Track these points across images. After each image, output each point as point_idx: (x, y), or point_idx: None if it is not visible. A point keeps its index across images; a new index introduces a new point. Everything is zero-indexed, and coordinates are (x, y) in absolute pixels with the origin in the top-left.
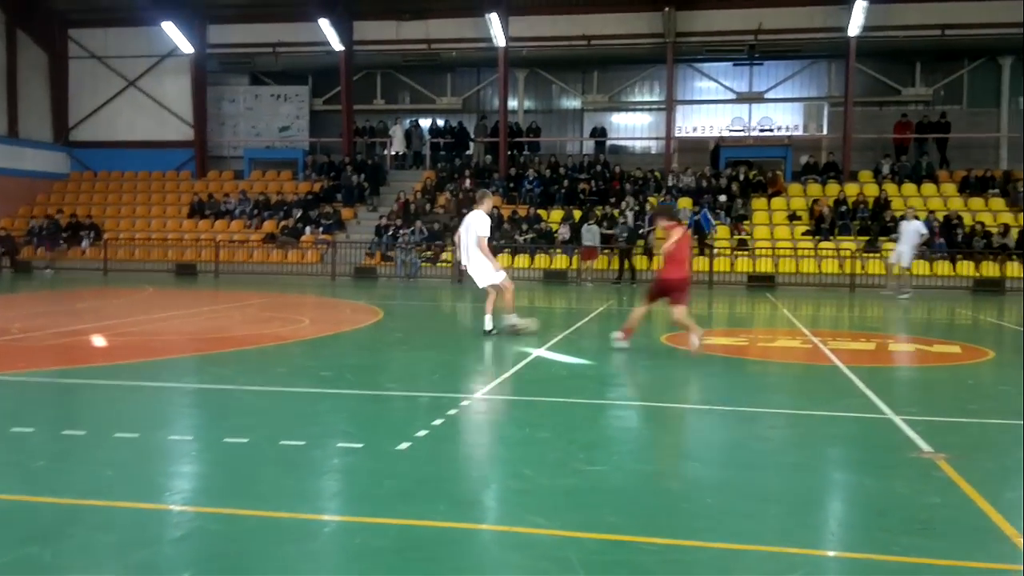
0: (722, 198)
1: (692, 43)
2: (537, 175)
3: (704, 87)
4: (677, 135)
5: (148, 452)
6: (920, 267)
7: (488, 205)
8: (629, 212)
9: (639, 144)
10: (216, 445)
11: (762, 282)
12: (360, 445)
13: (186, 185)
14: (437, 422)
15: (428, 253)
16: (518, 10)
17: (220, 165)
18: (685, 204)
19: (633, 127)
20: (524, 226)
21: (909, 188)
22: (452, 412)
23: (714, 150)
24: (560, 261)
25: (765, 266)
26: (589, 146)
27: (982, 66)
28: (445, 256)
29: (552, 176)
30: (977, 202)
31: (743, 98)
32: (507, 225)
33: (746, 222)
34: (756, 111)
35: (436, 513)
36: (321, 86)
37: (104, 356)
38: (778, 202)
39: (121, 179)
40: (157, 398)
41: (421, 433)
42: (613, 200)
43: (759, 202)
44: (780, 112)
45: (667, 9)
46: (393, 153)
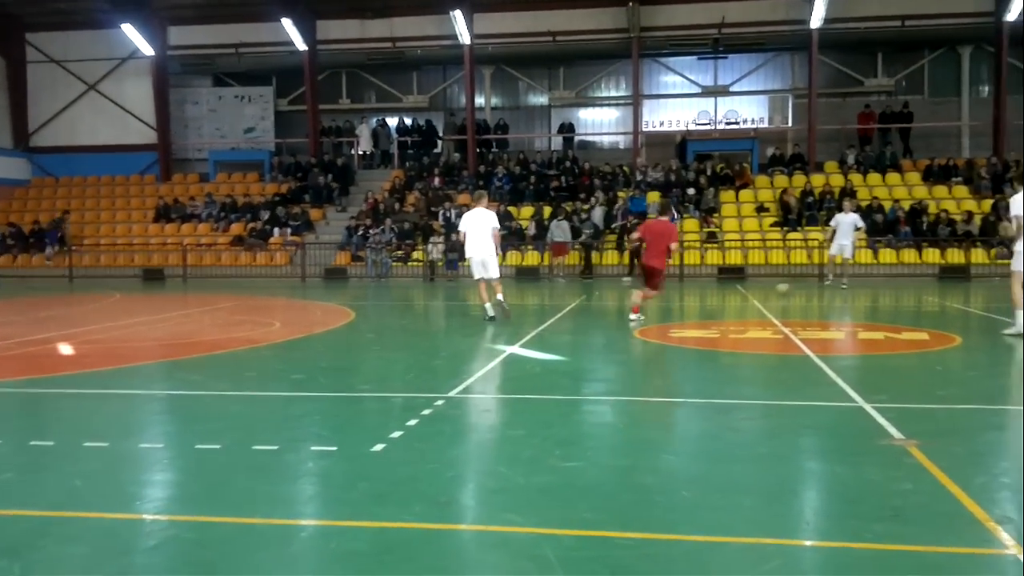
0: (690, 191)
1: (657, 38)
2: (506, 172)
3: (670, 81)
4: (644, 130)
5: (118, 461)
6: (887, 255)
7: (486, 202)
8: (598, 208)
9: (607, 139)
10: (188, 452)
11: (732, 274)
12: (334, 448)
13: (151, 189)
14: (411, 423)
15: (399, 253)
16: (482, 7)
17: (185, 168)
18: (654, 199)
19: (600, 122)
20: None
21: (874, 178)
22: (426, 412)
23: (681, 144)
24: (531, 258)
25: (735, 258)
26: (557, 142)
27: (942, 56)
28: (416, 255)
29: (521, 173)
30: (941, 190)
31: (708, 92)
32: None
33: (715, 215)
34: (722, 104)
35: (411, 514)
36: (285, 86)
37: (71, 364)
38: (746, 194)
39: (84, 184)
40: (126, 406)
41: (395, 434)
42: (583, 196)
43: (727, 195)
44: (745, 105)
45: (631, 4)
46: (360, 152)
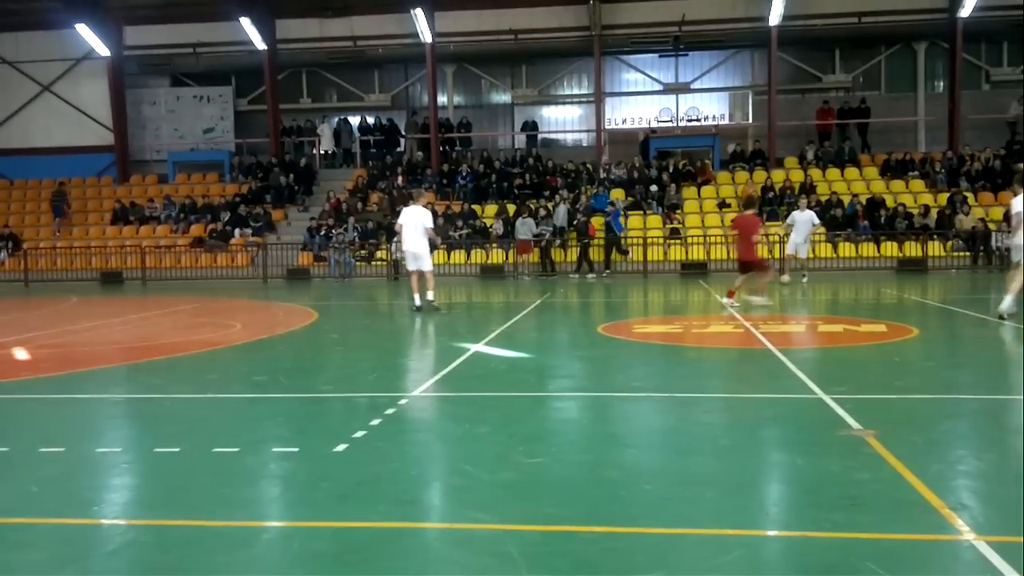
0: (653, 188)
1: (618, 35)
2: (470, 170)
3: (632, 79)
4: (607, 127)
5: (75, 466)
6: (846, 249)
7: (425, 201)
8: (562, 205)
9: (570, 137)
10: (147, 456)
11: (695, 269)
12: (296, 449)
13: (108, 191)
14: (375, 422)
15: (362, 252)
16: (443, 5)
17: (143, 169)
18: (618, 196)
19: (564, 120)
20: (459, 222)
21: (833, 173)
22: (390, 411)
23: (644, 141)
24: (496, 256)
25: (697, 253)
26: (521, 140)
27: (898, 52)
28: (380, 255)
29: (485, 171)
30: (898, 184)
31: (670, 89)
32: (441, 220)
33: (678, 211)
34: (683, 102)
35: (375, 514)
36: (245, 86)
37: (27, 369)
38: (707, 190)
39: (39, 187)
40: (84, 410)
41: (359, 434)
42: (547, 194)
43: (689, 191)
44: (706, 102)
45: (592, 2)
46: (322, 152)
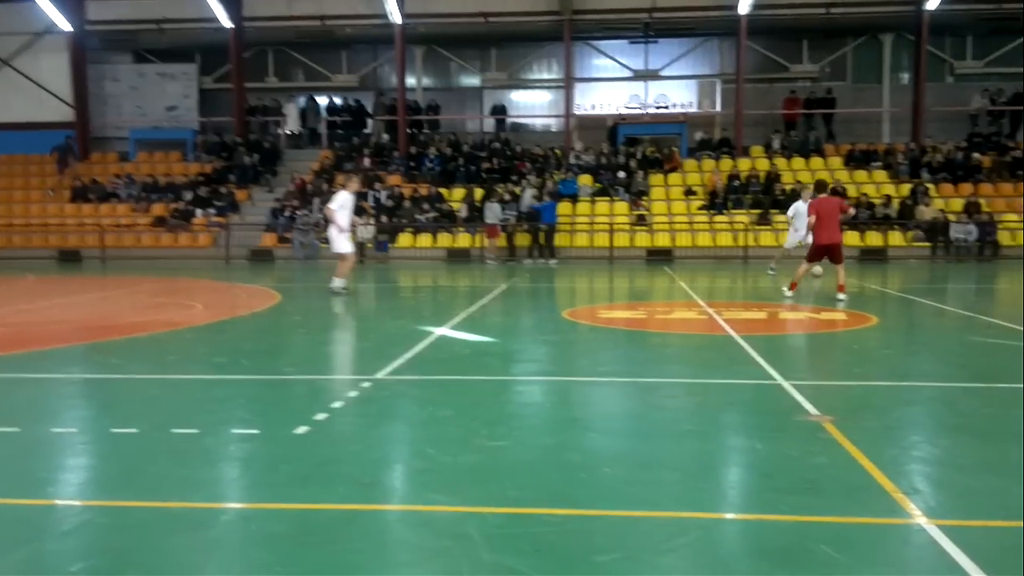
0: (621, 175)
1: (588, 20)
2: (438, 153)
3: (601, 65)
4: (576, 112)
5: (29, 446)
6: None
7: (353, 186)
8: (528, 190)
9: (539, 122)
10: (103, 436)
11: (660, 256)
12: (256, 431)
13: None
14: (336, 405)
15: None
16: None
17: (104, 147)
18: (586, 181)
19: (533, 105)
20: (425, 205)
21: (798, 162)
22: (352, 394)
23: (612, 128)
24: (463, 240)
25: (663, 240)
26: (489, 124)
27: (865, 43)
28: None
29: (453, 154)
30: (861, 175)
31: (640, 76)
32: (408, 203)
33: (644, 198)
34: (652, 88)
35: (335, 496)
36: (210, 64)
37: None
38: (674, 178)
39: None
40: (39, 390)
41: (320, 417)
42: (515, 179)
43: (656, 178)
44: (675, 89)
45: None
46: (288, 132)
